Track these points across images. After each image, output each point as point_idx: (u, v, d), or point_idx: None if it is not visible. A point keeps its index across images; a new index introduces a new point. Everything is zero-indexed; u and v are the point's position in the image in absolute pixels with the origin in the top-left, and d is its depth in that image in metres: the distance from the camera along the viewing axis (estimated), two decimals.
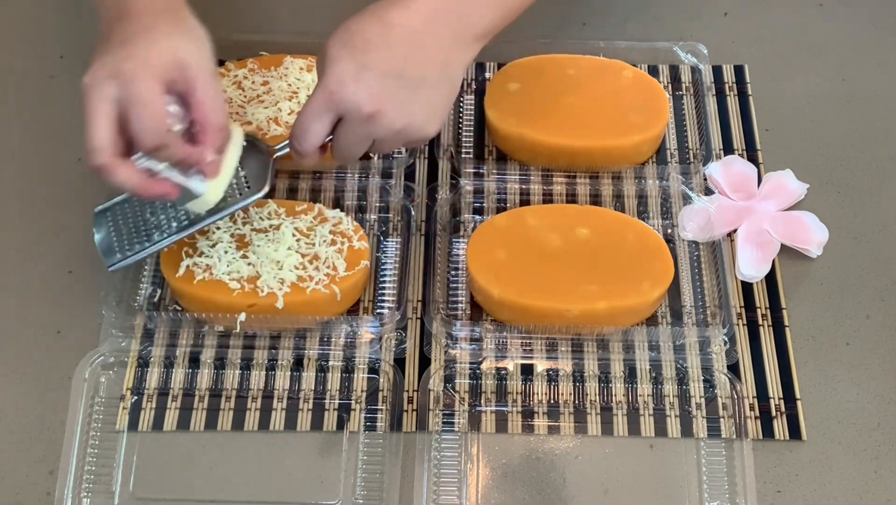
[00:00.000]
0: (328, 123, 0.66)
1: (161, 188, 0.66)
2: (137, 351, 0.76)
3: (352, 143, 0.68)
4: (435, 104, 0.68)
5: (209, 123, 0.65)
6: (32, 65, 0.94)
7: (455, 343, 0.76)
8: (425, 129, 0.68)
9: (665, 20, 0.96)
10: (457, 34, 0.67)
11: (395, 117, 0.66)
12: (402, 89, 0.65)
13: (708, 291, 0.79)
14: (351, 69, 0.64)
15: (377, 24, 0.65)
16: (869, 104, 0.90)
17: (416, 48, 0.65)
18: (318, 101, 0.65)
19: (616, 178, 0.84)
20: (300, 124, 0.67)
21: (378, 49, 0.64)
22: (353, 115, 0.65)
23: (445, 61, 0.67)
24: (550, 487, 0.71)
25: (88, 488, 0.71)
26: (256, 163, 0.71)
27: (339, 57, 0.64)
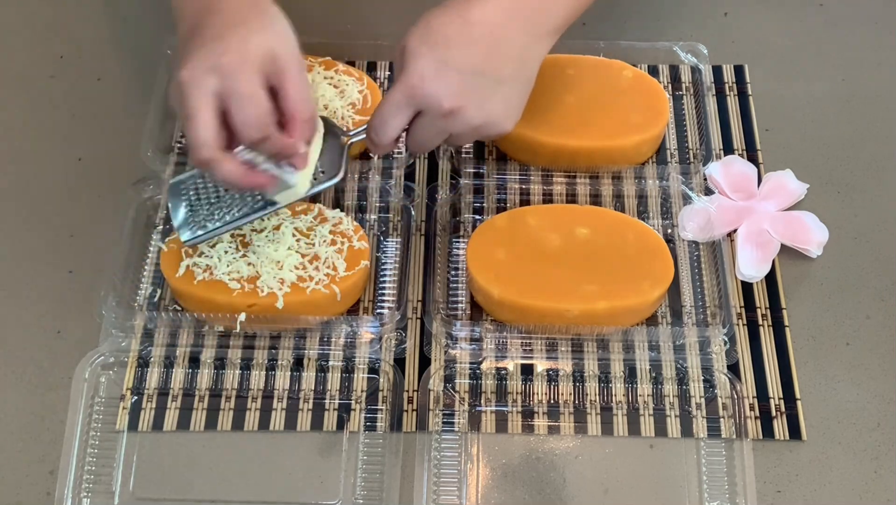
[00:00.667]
0: (407, 117, 0.68)
1: (260, 180, 0.67)
2: (137, 351, 0.76)
3: (428, 137, 0.69)
4: (512, 100, 0.70)
5: (299, 115, 0.66)
6: (32, 65, 0.94)
7: (455, 343, 0.76)
8: (502, 124, 0.69)
9: (665, 20, 0.96)
10: (533, 30, 0.68)
11: (474, 114, 0.67)
12: (482, 86, 0.67)
13: (708, 291, 0.79)
14: (432, 65, 0.65)
15: (458, 20, 0.66)
16: (869, 104, 0.90)
17: (495, 45, 0.67)
18: (399, 96, 0.66)
19: (616, 178, 0.84)
20: (379, 116, 0.68)
21: (459, 46, 0.65)
22: (433, 110, 0.66)
23: (522, 58, 0.68)
24: (550, 487, 0.71)
25: (88, 488, 0.71)
26: (331, 148, 0.72)
27: (420, 53, 0.65)
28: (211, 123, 0.63)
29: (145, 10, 0.97)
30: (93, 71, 0.93)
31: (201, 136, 0.63)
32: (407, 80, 0.66)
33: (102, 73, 0.93)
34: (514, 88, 0.69)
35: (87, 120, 0.89)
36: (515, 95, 0.70)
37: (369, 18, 0.95)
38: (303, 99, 0.66)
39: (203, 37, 0.65)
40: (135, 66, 0.93)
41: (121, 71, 0.93)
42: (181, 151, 0.86)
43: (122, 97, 0.91)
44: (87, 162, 0.87)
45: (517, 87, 0.70)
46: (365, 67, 0.91)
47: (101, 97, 0.91)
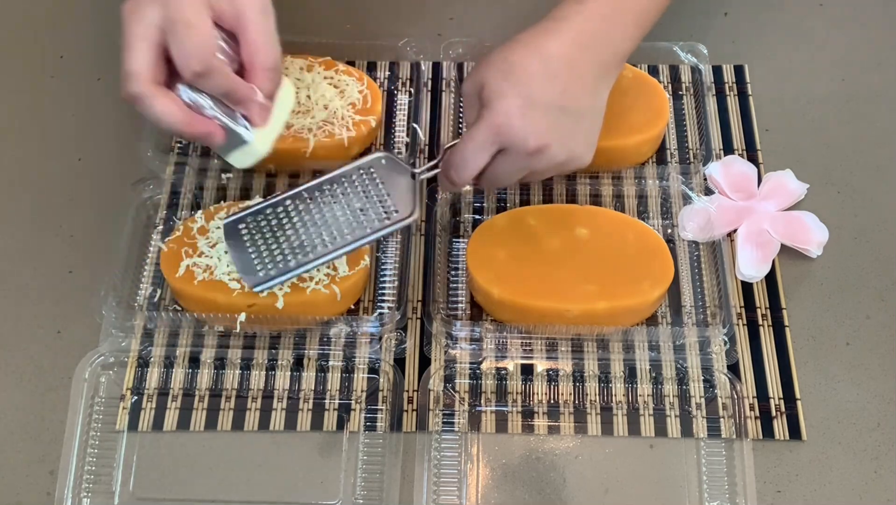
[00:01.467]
0: (489, 156, 0.66)
1: (205, 127, 0.62)
2: (137, 351, 0.76)
3: (508, 174, 0.68)
4: (591, 134, 0.69)
5: (258, 62, 0.63)
6: (32, 65, 0.94)
7: (455, 343, 0.76)
8: (584, 158, 0.69)
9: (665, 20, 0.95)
10: (603, 60, 0.68)
11: (558, 151, 0.66)
12: (565, 123, 0.66)
13: (708, 291, 0.79)
14: (517, 104, 0.64)
15: (536, 55, 0.65)
16: (869, 104, 0.90)
17: (573, 79, 0.66)
18: (483, 135, 0.65)
19: (616, 178, 0.84)
20: (461, 155, 0.66)
21: (541, 82, 0.64)
22: (518, 149, 0.65)
23: (595, 89, 0.68)
24: (550, 487, 0.71)
25: (88, 488, 0.71)
26: (400, 184, 0.70)
27: (503, 91, 0.64)
28: (145, 54, 0.59)
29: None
30: (93, 71, 0.93)
31: (133, 66, 0.58)
32: (492, 120, 0.64)
33: (102, 73, 0.92)
34: (592, 121, 0.69)
35: (87, 120, 0.89)
36: (593, 128, 0.69)
37: (369, 18, 0.95)
38: (264, 44, 0.62)
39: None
40: None
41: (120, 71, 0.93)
42: (181, 151, 0.86)
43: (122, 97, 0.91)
44: (87, 162, 0.87)
45: (594, 119, 0.69)
46: (365, 67, 0.91)
47: (101, 97, 0.91)
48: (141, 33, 0.59)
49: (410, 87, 0.90)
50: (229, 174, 0.83)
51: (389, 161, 0.72)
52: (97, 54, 0.94)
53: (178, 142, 0.87)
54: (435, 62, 0.91)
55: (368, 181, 0.71)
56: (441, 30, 0.94)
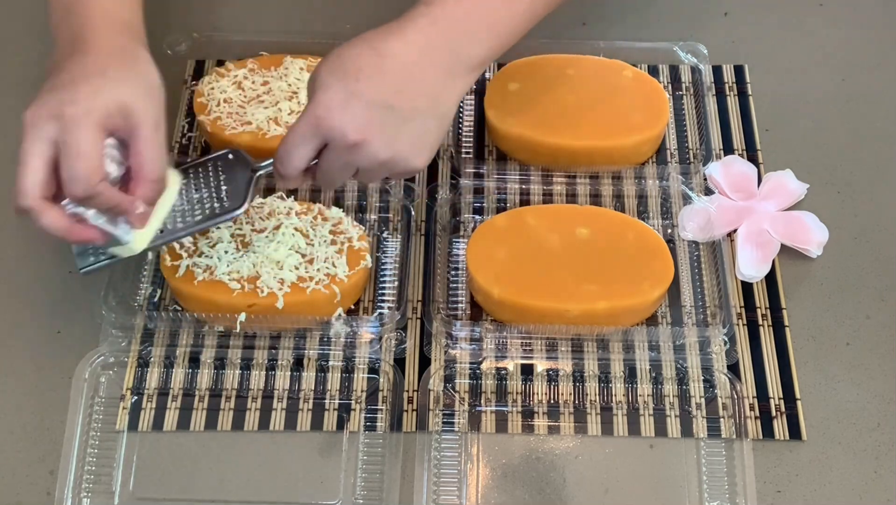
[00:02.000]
0: (312, 149, 0.65)
1: (87, 234, 0.65)
2: (137, 351, 0.76)
3: (335, 170, 0.67)
4: (424, 138, 0.67)
5: (144, 175, 0.65)
6: (32, 65, 0.93)
7: (455, 343, 0.76)
8: (411, 162, 0.67)
9: (665, 20, 0.96)
10: (450, 67, 0.66)
11: (379, 148, 0.64)
12: (390, 121, 0.64)
13: (708, 291, 0.79)
14: (340, 96, 0.63)
15: (370, 52, 0.64)
16: (869, 104, 0.90)
17: (408, 80, 0.64)
18: (304, 126, 0.64)
19: (616, 178, 0.84)
20: (284, 147, 0.66)
21: (369, 78, 0.63)
22: (337, 142, 0.64)
23: (437, 95, 0.66)
24: (550, 487, 0.71)
25: (88, 488, 0.71)
26: (239, 179, 0.71)
27: (329, 84, 0.63)
28: (38, 172, 0.62)
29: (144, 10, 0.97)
30: None
31: (25, 184, 0.62)
32: (313, 111, 0.63)
33: None
34: (426, 125, 0.66)
35: None
36: (427, 132, 0.66)
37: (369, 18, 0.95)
38: (150, 159, 0.65)
39: (59, 79, 0.64)
40: None
41: None
42: (181, 151, 0.86)
43: None
44: None
45: (430, 123, 0.66)
46: None
47: None
48: (36, 151, 0.62)
49: None
50: None
51: (236, 157, 0.72)
52: None
53: (177, 142, 0.87)
54: None
55: (212, 175, 0.72)
56: None
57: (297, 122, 0.65)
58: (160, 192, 0.67)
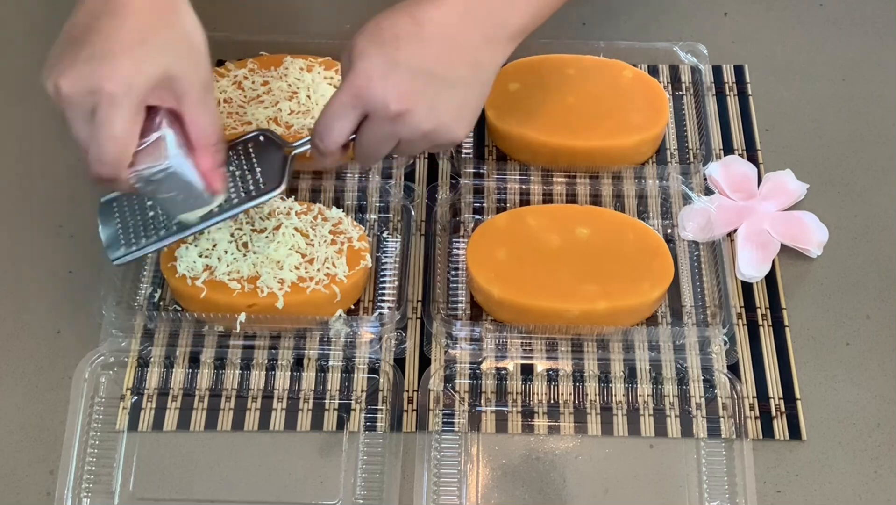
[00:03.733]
0: (353, 121, 0.64)
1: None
2: (137, 351, 0.76)
3: (376, 143, 0.65)
4: (465, 106, 0.65)
5: (203, 142, 0.63)
6: (32, 65, 0.93)
7: (455, 343, 0.76)
8: (454, 131, 0.65)
9: (665, 20, 0.96)
10: (489, 34, 0.65)
11: (423, 118, 0.63)
12: (432, 88, 0.63)
13: (708, 291, 0.79)
14: (380, 65, 0.61)
15: (409, 20, 0.63)
16: (869, 104, 0.90)
17: (448, 46, 0.63)
18: (344, 98, 0.63)
19: (616, 178, 0.84)
20: (323, 121, 0.64)
21: (409, 45, 0.62)
22: (379, 113, 0.62)
23: (477, 61, 0.65)
24: (550, 487, 0.71)
25: (88, 488, 0.71)
26: (273, 160, 0.70)
27: (368, 53, 0.62)
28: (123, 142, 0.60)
29: None
30: None
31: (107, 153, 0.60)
32: (353, 82, 0.62)
33: None
34: (468, 92, 0.65)
35: None
36: (468, 100, 0.65)
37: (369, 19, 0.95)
38: (207, 124, 0.63)
39: (95, 45, 0.59)
40: None
41: None
42: None
43: None
44: None
45: (471, 91, 0.65)
46: None
47: None
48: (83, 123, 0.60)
49: None
50: None
51: (267, 138, 0.71)
52: None
53: None
54: None
55: (244, 157, 0.71)
56: None
57: (336, 94, 0.63)
58: (224, 154, 0.66)
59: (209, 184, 0.65)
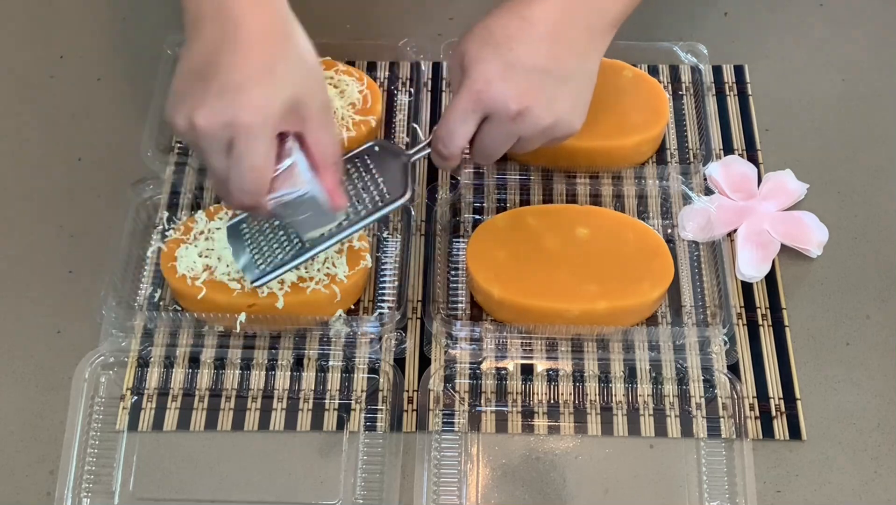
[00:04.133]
0: (474, 124, 0.66)
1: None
2: (137, 351, 0.76)
3: (496, 143, 0.67)
4: (579, 98, 0.68)
5: (326, 161, 0.64)
6: (32, 65, 0.94)
7: (455, 343, 0.76)
8: (572, 123, 0.68)
9: (665, 20, 0.96)
10: (591, 25, 0.67)
11: (542, 114, 0.65)
12: (548, 85, 0.65)
13: (708, 291, 0.79)
14: (497, 67, 0.64)
15: (517, 20, 0.65)
16: (869, 104, 0.90)
17: (557, 42, 0.65)
18: (465, 103, 0.65)
19: (616, 178, 0.84)
20: (446, 127, 0.66)
21: (522, 45, 0.64)
22: (500, 114, 0.65)
23: (584, 53, 0.67)
24: (550, 487, 0.71)
25: (88, 488, 0.71)
26: (392, 168, 0.71)
27: (483, 56, 0.64)
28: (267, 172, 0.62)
29: (145, 10, 0.97)
30: (93, 71, 0.93)
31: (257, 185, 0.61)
32: (472, 86, 0.64)
33: (102, 73, 0.93)
34: (580, 85, 0.68)
35: (87, 120, 0.89)
36: (581, 92, 0.68)
37: (369, 18, 0.95)
38: (328, 143, 0.64)
39: (222, 78, 0.59)
40: (135, 66, 0.93)
41: (121, 71, 0.93)
42: (181, 151, 0.86)
43: (122, 97, 0.91)
44: (87, 162, 0.87)
45: (582, 83, 0.68)
46: (365, 67, 0.91)
47: (101, 97, 0.91)
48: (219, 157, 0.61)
49: (410, 87, 0.90)
50: None
51: (382, 148, 0.72)
52: (97, 54, 0.94)
53: (178, 142, 0.87)
54: (435, 62, 0.91)
55: (363, 169, 0.72)
56: (441, 30, 0.94)
57: (456, 100, 0.65)
58: (343, 167, 0.68)
59: (333, 200, 0.66)
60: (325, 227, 0.69)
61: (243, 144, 0.60)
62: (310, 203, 0.65)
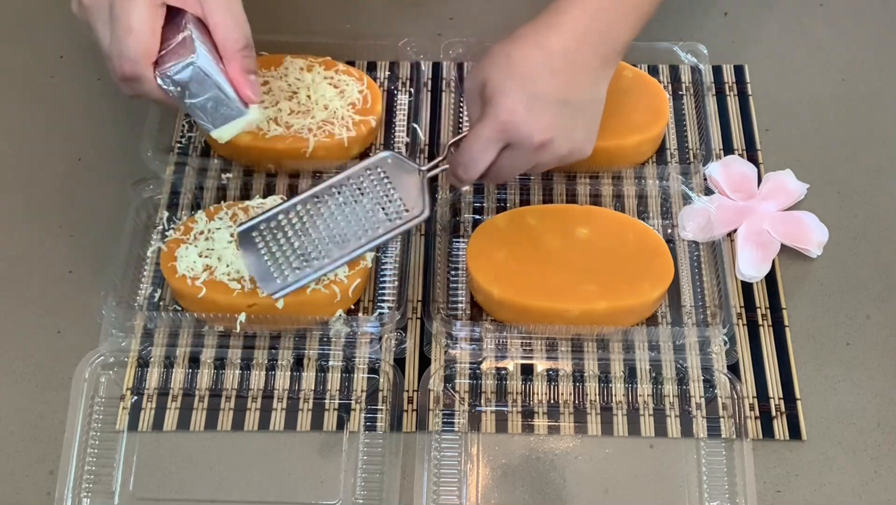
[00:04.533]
0: (496, 152, 0.67)
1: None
2: (137, 351, 0.76)
3: (515, 169, 0.69)
4: (592, 125, 0.70)
5: (228, 48, 0.63)
6: (32, 65, 0.94)
7: (455, 343, 0.76)
8: (585, 149, 0.70)
9: (665, 20, 0.96)
10: (604, 53, 0.68)
11: (561, 144, 0.67)
12: (568, 115, 0.67)
13: (708, 291, 0.79)
14: (522, 100, 0.65)
15: (539, 51, 0.66)
16: (869, 104, 0.90)
17: (575, 73, 0.67)
18: (489, 132, 0.66)
19: (616, 178, 0.84)
20: (469, 154, 0.67)
21: (543, 78, 0.65)
22: (524, 144, 0.66)
23: (596, 81, 0.69)
24: (550, 487, 0.71)
25: (88, 488, 0.71)
26: (409, 183, 0.72)
27: (507, 88, 0.65)
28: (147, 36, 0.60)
29: None
30: (93, 71, 0.93)
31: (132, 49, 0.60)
32: (497, 117, 0.65)
33: (102, 73, 0.92)
34: (592, 112, 0.70)
35: (87, 120, 0.89)
36: (594, 119, 0.70)
37: (369, 18, 0.95)
38: (227, 29, 0.62)
39: None
40: None
41: None
42: (181, 151, 0.86)
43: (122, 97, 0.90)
44: (87, 162, 0.87)
45: (594, 110, 0.70)
46: (365, 67, 0.91)
47: (101, 97, 0.91)
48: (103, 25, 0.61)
49: (410, 87, 0.90)
50: (229, 174, 0.83)
51: (395, 160, 0.73)
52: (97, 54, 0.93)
53: (178, 142, 0.87)
54: (435, 62, 0.91)
55: (377, 181, 0.72)
56: (441, 30, 0.94)
57: (480, 128, 0.66)
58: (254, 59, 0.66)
59: (240, 91, 0.65)
60: (236, 122, 0.66)
61: (119, 6, 0.60)
62: (208, 87, 0.63)
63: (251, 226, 0.73)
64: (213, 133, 0.67)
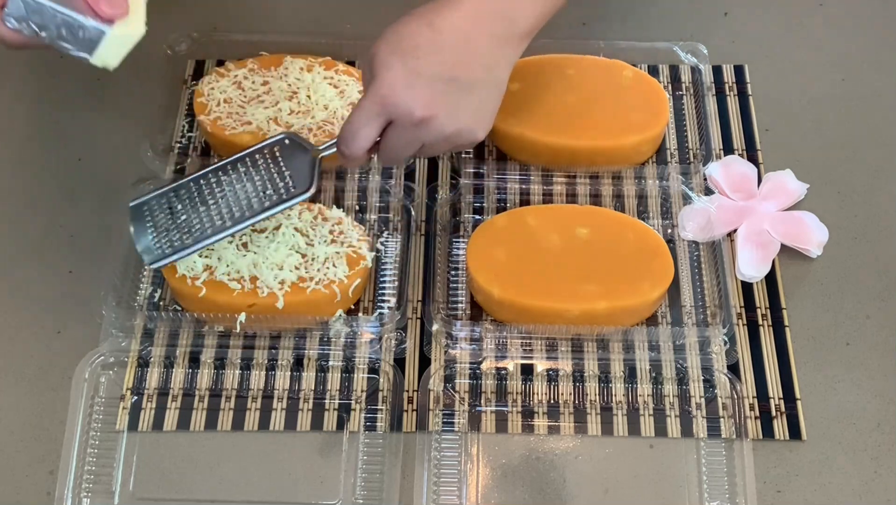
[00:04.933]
0: (377, 128, 0.66)
1: None
2: (137, 351, 0.76)
3: (400, 147, 0.68)
4: (484, 108, 0.68)
5: None
6: (32, 65, 0.93)
7: (455, 343, 0.76)
8: (475, 133, 0.68)
9: (665, 20, 0.96)
10: (502, 35, 0.67)
11: (445, 122, 0.66)
12: (453, 94, 0.66)
13: (708, 291, 0.79)
14: (402, 74, 0.64)
15: (426, 28, 0.65)
16: (869, 104, 0.90)
17: (464, 52, 0.66)
18: (369, 106, 0.65)
19: (616, 178, 0.84)
20: (349, 128, 0.67)
21: (428, 54, 0.65)
22: (403, 120, 0.65)
23: (492, 63, 0.67)
24: (550, 487, 0.71)
25: (88, 488, 0.71)
26: (301, 162, 0.72)
27: (390, 63, 0.64)
28: None
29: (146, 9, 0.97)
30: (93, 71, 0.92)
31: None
32: (377, 90, 0.65)
33: (102, 73, 0.92)
34: (485, 94, 0.68)
35: (87, 120, 0.89)
36: (486, 101, 0.68)
37: (369, 18, 0.95)
38: None
39: None
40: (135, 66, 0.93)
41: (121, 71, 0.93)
42: (181, 151, 0.86)
43: (122, 97, 0.91)
44: (87, 162, 0.87)
45: (488, 92, 0.68)
46: None
47: (101, 97, 0.91)
48: None
49: None
50: None
51: (293, 141, 0.73)
52: None
53: (178, 142, 0.87)
54: None
55: (271, 161, 0.73)
56: None
57: (361, 102, 0.66)
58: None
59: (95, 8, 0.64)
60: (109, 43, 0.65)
61: None
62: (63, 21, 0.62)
63: (143, 200, 0.73)
64: (93, 60, 0.66)
